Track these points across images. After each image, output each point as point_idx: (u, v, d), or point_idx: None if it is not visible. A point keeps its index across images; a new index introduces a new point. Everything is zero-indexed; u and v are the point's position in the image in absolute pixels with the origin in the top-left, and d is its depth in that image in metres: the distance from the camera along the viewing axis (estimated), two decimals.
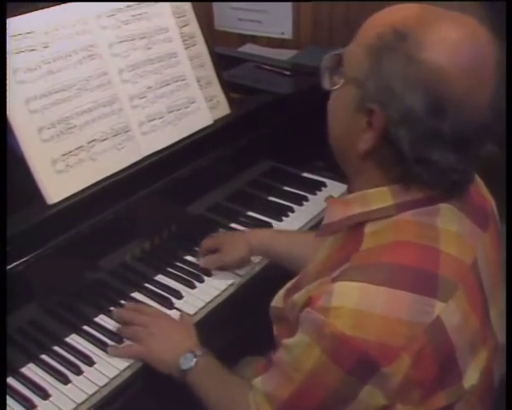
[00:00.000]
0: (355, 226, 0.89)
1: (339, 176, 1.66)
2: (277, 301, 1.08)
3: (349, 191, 0.95)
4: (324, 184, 1.68)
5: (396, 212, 0.85)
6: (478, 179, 0.97)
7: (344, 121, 0.88)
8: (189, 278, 1.33)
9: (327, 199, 0.98)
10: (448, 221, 0.85)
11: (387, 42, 0.79)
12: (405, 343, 0.77)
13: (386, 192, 0.86)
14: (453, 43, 0.77)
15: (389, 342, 0.77)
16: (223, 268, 1.35)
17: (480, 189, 0.98)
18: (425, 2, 0.84)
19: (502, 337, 0.91)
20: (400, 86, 0.78)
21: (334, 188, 1.66)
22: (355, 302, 0.78)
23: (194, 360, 1.06)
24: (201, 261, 1.37)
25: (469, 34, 0.79)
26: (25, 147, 1.14)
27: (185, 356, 1.07)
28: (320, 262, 0.97)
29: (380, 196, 0.86)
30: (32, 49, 1.18)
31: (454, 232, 0.85)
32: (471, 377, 0.83)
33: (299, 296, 0.93)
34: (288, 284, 1.07)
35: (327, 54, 0.90)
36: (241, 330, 1.46)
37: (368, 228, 0.87)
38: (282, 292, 1.08)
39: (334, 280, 0.82)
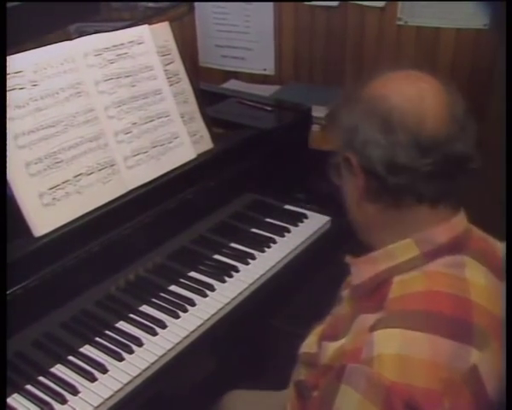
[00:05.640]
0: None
1: (320, 208, 1.71)
2: (309, 346, 1.08)
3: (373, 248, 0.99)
4: (305, 216, 1.72)
5: (423, 262, 0.89)
6: (475, 228, 0.99)
7: (349, 194, 0.99)
8: (173, 308, 1.36)
9: (348, 259, 1.00)
10: (475, 274, 0.89)
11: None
12: (445, 388, 0.78)
13: (410, 243, 0.90)
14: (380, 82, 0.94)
15: (432, 387, 0.78)
16: None
17: (479, 234, 1.00)
18: None
19: None
20: (353, 125, 0.92)
21: (315, 219, 1.70)
22: (397, 348, 0.80)
23: None
24: None
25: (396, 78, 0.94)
26: (12, 181, 1.17)
27: None
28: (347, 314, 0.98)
29: (405, 248, 0.91)
30: (21, 88, 1.22)
31: (483, 285, 0.89)
32: None
33: (334, 347, 0.93)
34: (318, 330, 1.08)
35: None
36: (225, 360, 1.47)
37: (396, 278, 0.90)
38: (312, 338, 1.08)
39: (373, 329, 0.84)
